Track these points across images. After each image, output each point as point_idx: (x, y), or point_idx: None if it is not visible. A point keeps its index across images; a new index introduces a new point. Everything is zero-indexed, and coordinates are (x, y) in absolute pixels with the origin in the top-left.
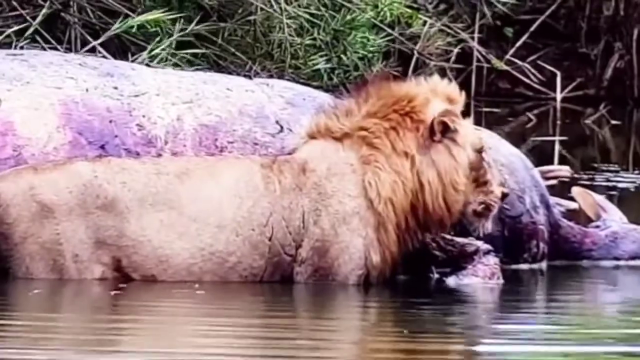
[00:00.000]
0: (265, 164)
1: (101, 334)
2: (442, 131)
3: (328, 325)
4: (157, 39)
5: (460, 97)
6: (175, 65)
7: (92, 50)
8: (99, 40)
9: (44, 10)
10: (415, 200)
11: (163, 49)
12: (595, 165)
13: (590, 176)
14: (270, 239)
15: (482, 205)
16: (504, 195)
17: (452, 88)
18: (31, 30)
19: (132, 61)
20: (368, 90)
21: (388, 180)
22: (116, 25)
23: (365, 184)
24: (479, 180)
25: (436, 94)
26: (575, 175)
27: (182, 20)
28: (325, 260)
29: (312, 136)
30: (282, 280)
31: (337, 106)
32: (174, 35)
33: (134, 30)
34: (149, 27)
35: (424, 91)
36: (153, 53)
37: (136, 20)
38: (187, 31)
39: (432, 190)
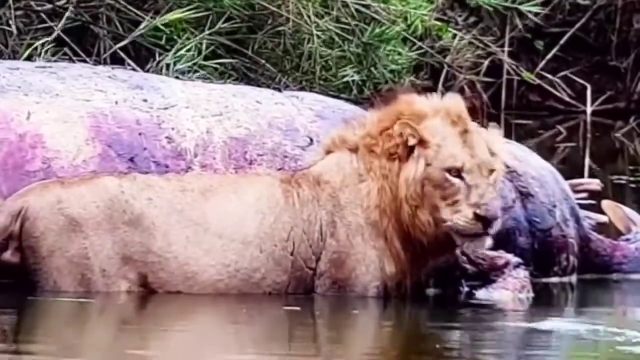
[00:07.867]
0: (285, 178)
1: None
2: (404, 144)
3: (349, 337)
4: (184, 36)
5: (462, 119)
6: (204, 78)
7: (120, 61)
8: (123, 43)
9: (67, 13)
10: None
11: (189, 50)
12: (625, 177)
13: (621, 188)
14: (292, 254)
15: (450, 223)
16: (479, 217)
17: (455, 107)
18: (54, 35)
19: (159, 62)
20: (387, 103)
21: (376, 187)
22: (142, 26)
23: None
24: (446, 199)
25: (437, 112)
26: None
27: (209, 19)
28: (342, 271)
29: (328, 150)
30: (304, 293)
31: (356, 119)
32: (200, 35)
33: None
34: (173, 30)
35: (427, 108)
36: (179, 53)
37: (160, 19)
38: (214, 29)
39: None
